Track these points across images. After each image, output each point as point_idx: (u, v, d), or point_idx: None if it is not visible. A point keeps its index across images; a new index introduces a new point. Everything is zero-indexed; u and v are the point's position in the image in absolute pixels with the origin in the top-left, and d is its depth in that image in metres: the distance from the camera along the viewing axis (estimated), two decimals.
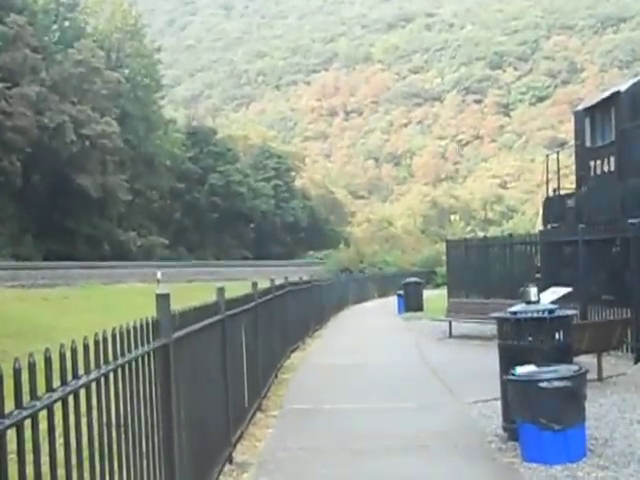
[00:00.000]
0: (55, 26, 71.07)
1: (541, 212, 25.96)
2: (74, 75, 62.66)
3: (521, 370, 7.55)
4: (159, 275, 36.68)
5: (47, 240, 59.35)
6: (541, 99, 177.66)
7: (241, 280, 38.76)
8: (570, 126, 26.10)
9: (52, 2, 71.47)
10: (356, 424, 9.51)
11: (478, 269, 22.71)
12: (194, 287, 35.45)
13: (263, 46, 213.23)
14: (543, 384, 7.21)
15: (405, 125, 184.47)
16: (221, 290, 7.94)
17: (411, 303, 29.90)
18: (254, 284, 11.24)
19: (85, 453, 3.45)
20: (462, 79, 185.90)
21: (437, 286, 46.25)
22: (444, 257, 31.07)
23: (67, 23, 72.41)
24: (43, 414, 2.93)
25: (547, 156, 24.36)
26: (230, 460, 7.69)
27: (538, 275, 17.48)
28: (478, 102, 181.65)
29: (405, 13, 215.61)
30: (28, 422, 2.77)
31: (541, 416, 7.15)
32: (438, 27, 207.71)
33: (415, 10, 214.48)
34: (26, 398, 2.76)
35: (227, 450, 7.60)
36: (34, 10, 65.28)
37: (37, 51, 60.35)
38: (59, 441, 3.06)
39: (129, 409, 4.29)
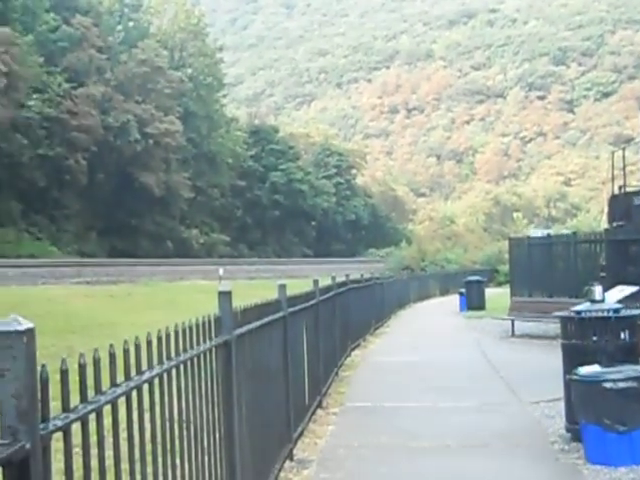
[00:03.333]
0: (119, 27, 72.16)
1: (606, 210, 25.54)
2: (138, 75, 63.57)
3: (585, 370, 7.44)
4: (221, 272, 36.87)
5: (111, 237, 60.33)
6: (606, 95, 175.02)
7: (302, 277, 38.93)
8: (636, 122, 25.67)
9: (117, 3, 72.66)
10: (417, 422, 9.47)
11: (541, 267, 22.41)
12: (255, 284, 35.66)
13: (324, 44, 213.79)
14: (608, 385, 7.09)
15: (467, 122, 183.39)
16: (283, 287, 7.95)
17: (473, 301, 29.74)
18: (315, 281, 11.21)
19: (148, 448, 3.49)
20: (525, 75, 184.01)
21: (499, 284, 45.82)
22: (507, 255, 30.77)
23: (131, 24, 73.49)
24: (107, 409, 2.97)
25: (612, 153, 23.98)
26: (291, 457, 7.71)
27: (603, 274, 17.19)
28: (541, 98, 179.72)
29: (467, 9, 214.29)
30: (93, 416, 2.81)
31: (605, 417, 7.04)
32: (501, 23, 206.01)
33: (477, 6, 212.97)
34: (91, 393, 2.80)
35: (288, 447, 7.62)
36: (99, 11, 66.40)
37: (102, 51, 61.40)
38: (122, 436, 3.10)
39: (191, 405, 4.32)
